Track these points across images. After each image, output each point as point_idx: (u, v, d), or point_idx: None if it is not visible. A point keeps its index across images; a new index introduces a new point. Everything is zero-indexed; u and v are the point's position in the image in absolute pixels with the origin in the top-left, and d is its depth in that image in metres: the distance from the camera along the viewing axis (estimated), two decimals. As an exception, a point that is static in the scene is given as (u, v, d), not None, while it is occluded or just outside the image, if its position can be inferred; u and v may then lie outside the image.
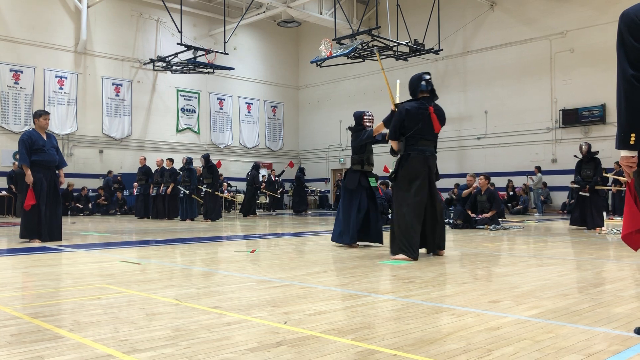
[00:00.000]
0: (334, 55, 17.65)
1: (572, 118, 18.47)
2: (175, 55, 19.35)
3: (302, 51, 26.84)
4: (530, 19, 19.54)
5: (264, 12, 21.34)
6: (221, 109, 24.23)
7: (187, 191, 14.77)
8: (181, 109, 22.91)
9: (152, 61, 20.82)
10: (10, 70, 18.54)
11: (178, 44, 17.83)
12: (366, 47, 17.96)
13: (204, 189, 14.74)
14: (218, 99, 24.11)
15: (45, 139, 7.99)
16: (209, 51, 18.77)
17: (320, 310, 3.14)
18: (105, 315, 3.03)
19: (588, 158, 10.54)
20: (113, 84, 20.93)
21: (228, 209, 22.07)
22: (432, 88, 5.97)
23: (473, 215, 10.92)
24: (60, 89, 19.61)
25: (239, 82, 24.81)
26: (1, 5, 18.47)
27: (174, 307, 3.23)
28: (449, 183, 18.87)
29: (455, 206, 12.66)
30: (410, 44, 17.79)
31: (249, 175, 18.05)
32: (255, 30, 25.10)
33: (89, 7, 19.79)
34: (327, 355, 2.26)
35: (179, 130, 22.81)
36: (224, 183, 20.70)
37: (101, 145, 20.64)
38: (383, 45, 17.90)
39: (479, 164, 20.36)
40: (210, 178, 14.81)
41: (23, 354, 2.28)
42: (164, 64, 20.33)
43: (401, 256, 5.56)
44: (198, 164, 16.16)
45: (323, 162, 26.25)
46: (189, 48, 18.15)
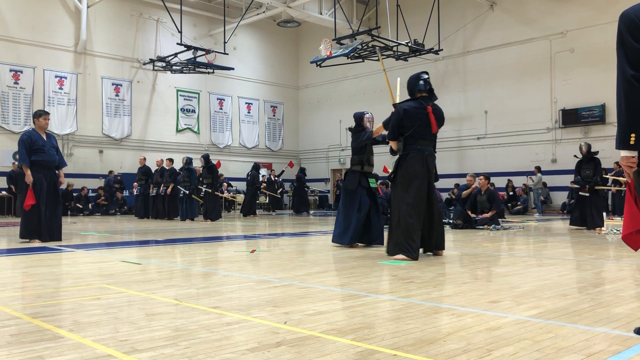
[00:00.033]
0: (334, 55, 17.65)
1: (572, 118, 18.47)
2: (175, 55, 19.35)
3: (302, 51, 26.84)
4: (530, 19, 19.54)
5: (263, 12, 21.33)
6: (221, 109, 24.23)
7: (187, 191, 14.77)
8: (181, 109, 22.92)
9: (152, 61, 20.82)
10: (10, 70, 18.54)
11: (178, 44, 17.83)
12: (366, 47, 17.97)
13: (203, 189, 14.75)
14: (218, 99, 24.11)
15: (45, 139, 7.99)
16: (209, 51, 18.77)
17: (320, 310, 3.14)
18: (105, 315, 3.03)
19: (588, 158, 10.54)
20: (113, 84, 20.93)
21: (228, 209, 22.07)
22: (431, 87, 5.97)
23: (473, 215, 10.92)
24: (60, 89, 19.61)
25: (239, 82, 24.81)
26: (1, 5, 18.47)
27: (173, 307, 3.23)
28: (449, 183, 18.88)
29: (455, 206, 12.66)
30: (410, 44, 17.79)
31: (249, 176, 18.06)
32: (255, 30, 25.10)
33: (89, 7, 19.79)
34: (327, 355, 2.26)
35: (178, 130, 22.81)
36: (223, 183, 20.71)
37: (101, 145, 20.64)
38: (383, 45, 17.90)
39: (478, 164, 20.36)
40: (210, 178, 14.81)
41: (23, 354, 2.28)
42: (164, 64, 20.33)
43: (400, 256, 5.56)
44: (198, 164, 16.17)
45: (323, 162, 26.25)
46: (189, 48, 18.15)
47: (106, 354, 2.28)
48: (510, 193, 18.68)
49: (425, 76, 5.99)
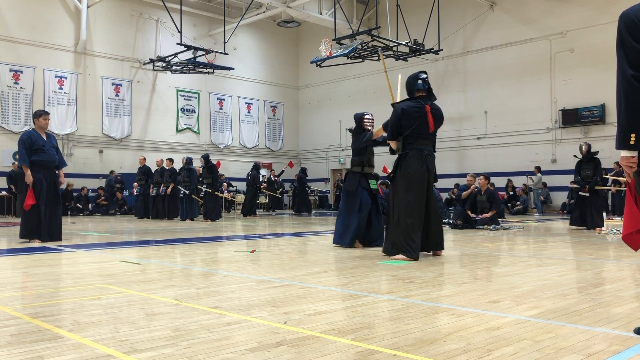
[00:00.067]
0: (333, 55, 17.65)
1: (572, 118, 18.47)
2: (175, 55, 19.35)
3: (302, 51, 26.84)
4: (530, 19, 19.54)
5: (263, 12, 21.33)
6: (221, 109, 24.23)
7: (187, 191, 14.77)
8: (181, 109, 22.91)
9: (152, 61, 20.82)
10: (10, 70, 18.54)
11: (178, 44, 17.83)
12: (366, 47, 17.97)
13: (203, 189, 14.75)
14: (218, 99, 24.11)
15: (45, 139, 7.99)
16: (208, 51, 18.77)
17: (320, 310, 3.14)
18: (105, 315, 3.03)
19: (588, 158, 10.54)
20: (113, 84, 20.93)
21: (228, 209, 22.08)
22: (429, 87, 5.97)
23: (473, 215, 10.92)
24: (60, 89, 19.61)
25: (239, 82, 24.81)
26: (1, 5, 18.47)
27: (173, 307, 3.23)
28: (449, 183, 18.88)
29: (455, 206, 12.66)
30: (410, 44, 17.79)
31: (249, 176, 18.06)
32: (255, 30, 25.10)
33: (89, 7, 19.79)
34: (327, 355, 2.26)
35: (178, 130, 22.81)
36: (224, 183, 20.72)
37: (101, 145, 20.64)
38: (383, 45, 17.90)
39: (478, 164, 20.36)
40: (210, 178, 14.82)
41: (23, 354, 2.28)
42: (164, 64, 20.33)
43: (400, 256, 5.56)
44: (198, 164, 16.17)
45: (323, 162, 26.25)
46: (189, 48, 18.15)
47: (106, 354, 2.28)
48: (511, 193, 18.68)
49: (424, 75, 5.99)
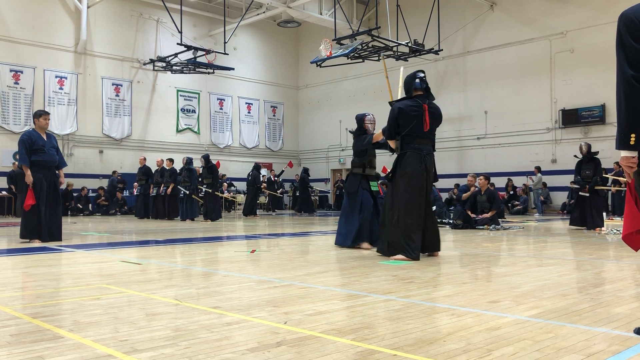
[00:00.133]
0: (334, 55, 17.65)
1: (572, 118, 18.47)
2: (175, 55, 19.35)
3: (302, 51, 26.84)
4: (530, 19, 19.54)
5: (264, 13, 21.33)
6: (221, 109, 24.23)
7: (187, 191, 14.78)
8: (181, 109, 22.91)
9: (152, 61, 20.82)
10: (10, 71, 18.54)
11: (178, 44, 17.83)
12: (366, 47, 17.96)
13: (203, 189, 14.75)
14: (218, 99, 24.11)
15: (45, 139, 7.99)
16: (209, 51, 18.76)
17: (320, 310, 3.14)
18: (105, 315, 3.03)
19: (588, 158, 10.54)
20: (113, 84, 20.93)
21: (228, 209, 22.08)
22: (427, 86, 5.97)
23: (473, 215, 10.92)
24: (60, 89, 19.61)
25: (239, 82, 24.81)
26: (1, 5, 18.47)
27: (174, 307, 3.23)
28: (449, 183, 18.88)
29: (455, 206, 12.66)
30: (410, 44, 17.79)
31: (250, 176, 18.07)
32: (255, 31, 25.10)
33: (89, 7, 19.79)
34: (327, 355, 2.26)
35: (179, 131, 22.80)
36: (224, 183, 20.72)
37: (101, 146, 20.64)
38: (383, 45, 17.90)
39: (479, 164, 20.36)
40: (210, 178, 14.82)
41: (23, 354, 2.28)
42: (164, 64, 20.33)
43: (400, 256, 5.56)
44: (198, 164, 16.17)
45: (323, 163, 26.25)
46: (189, 48, 18.15)
47: (106, 354, 2.28)
48: (511, 192, 18.68)
49: (422, 75, 5.99)
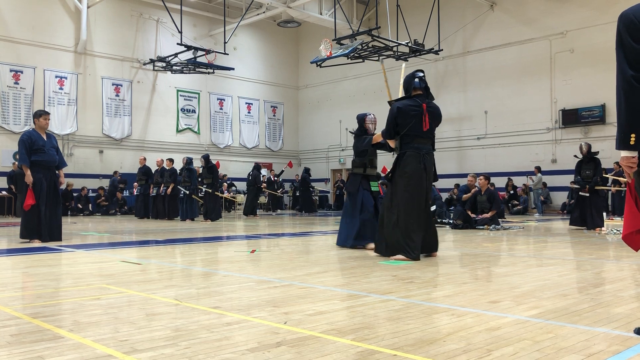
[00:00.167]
0: (334, 55, 17.65)
1: (572, 118, 18.47)
2: (175, 55, 19.35)
3: (302, 51, 26.84)
4: (530, 19, 19.54)
5: (264, 13, 21.33)
6: (221, 109, 24.23)
7: (187, 191, 14.78)
8: (181, 109, 22.91)
9: (152, 61, 20.81)
10: (10, 70, 18.54)
11: (178, 44, 17.83)
12: (366, 47, 17.96)
13: (203, 189, 14.75)
14: (218, 99, 24.11)
15: (45, 139, 7.99)
16: (209, 51, 18.76)
17: (320, 310, 3.14)
18: (105, 315, 3.03)
19: (588, 158, 10.53)
20: (113, 84, 20.93)
21: (228, 209, 22.08)
22: (426, 85, 5.96)
23: (473, 215, 10.92)
24: (60, 89, 19.61)
25: (239, 82, 24.81)
26: (1, 5, 18.47)
27: (174, 307, 3.23)
28: (449, 183, 18.88)
29: (455, 206, 12.65)
30: (410, 44, 17.79)
31: (251, 176, 18.08)
32: (255, 31, 25.10)
33: (89, 7, 19.79)
34: (327, 355, 2.26)
35: (179, 131, 22.80)
36: (224, 183, 20.71)
37: (101, 146, 20.64)
38: (383, 45, 17.90)
39: (479, 164, 20.36)
40: (210, 178, 14.82)
41: (23, 354, 2.28)
42: (164, 64, 20.33)
43: (400, 256, 5.56)
44: (198, 164, 16.17)
45: (323, 162, 26.24)
46: (189, 48, 18.15)
47: (106, 354, 2.28)
48: (511, 192, 18.68)
49: (421, 74, 5.99)
